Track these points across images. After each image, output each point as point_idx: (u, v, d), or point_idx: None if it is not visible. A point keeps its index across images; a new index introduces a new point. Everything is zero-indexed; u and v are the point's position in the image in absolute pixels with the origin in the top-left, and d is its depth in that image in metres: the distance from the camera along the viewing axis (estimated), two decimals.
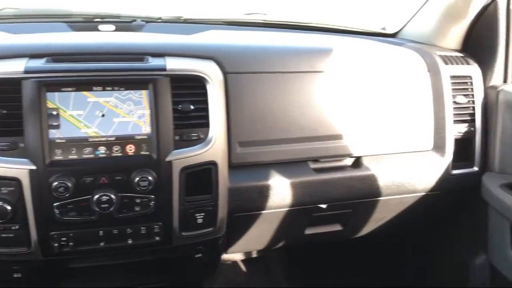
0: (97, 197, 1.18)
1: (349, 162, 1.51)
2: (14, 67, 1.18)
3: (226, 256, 1.99)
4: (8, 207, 1.15)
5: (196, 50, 1.39)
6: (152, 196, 1.23)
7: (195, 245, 1.36)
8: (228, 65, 1.37)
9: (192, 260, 1.41)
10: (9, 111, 1.16)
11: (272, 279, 2.09)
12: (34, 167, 1.15)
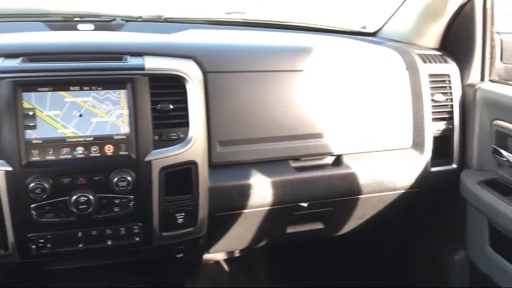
0: (75, 198, 1.17)
1: (329, 160, 1.52)
2: None
3: (208, 255, 1.98)
4: None
5: (175, 50, 1.38)
6: (131, 196, 1.22)
7: (176, 245, 1.36)
8: (207, 64, 1.37)
9: (173, 260, 1.40)
10: None
11: (255, 279, 2.10)
12: (10, 168, 1.13)
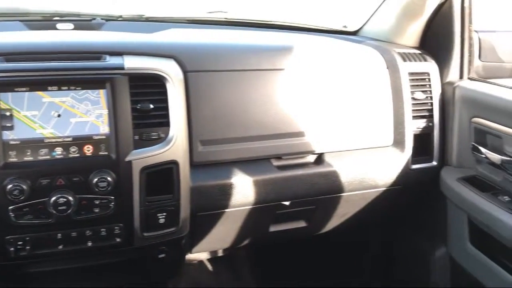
0: (54, 199, 1.15)
1: (311, 159, 1.52)
2: None
3: (191, 255, 1.98)
4: None
5: (155, 49, 1.38)
6: (111, 197, 1.21)
7: (158, 245, 1.35)
8: (188, 63, 1.36)
9: (155, 260, 1.39)
10: None
11: (238, 278, 2.09)
12: None
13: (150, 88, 1.26)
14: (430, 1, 1.58)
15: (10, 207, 1.14)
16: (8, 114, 1.14)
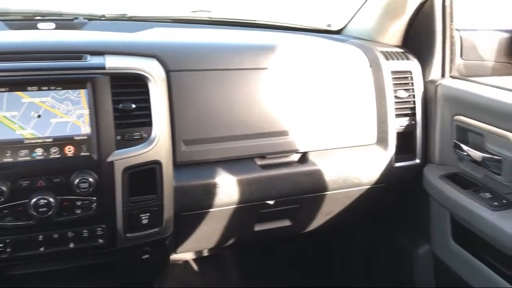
0: (34, 200, 1.14)
1: (295, 158, 1.52)
2: None
3: (176, 256, 1.97)
4: None
5: (137, 48, 1.37)
6: (93, 198, 1.20)
7: (142, 246, 1.34)
8: (171, 63, 1.36)
9: (139, 261, 1.39)
10: None
11: (224, 278, 2.09)
12: None
13: (132, 88, 1.26)
14: (412, 0, 1.59)
15: None
16: None
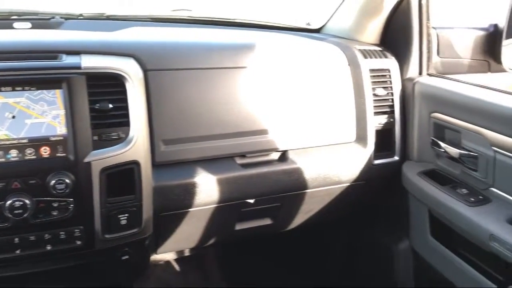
0: (9, 202, 1.13)
1: (275, 156, 1.53)
2: None
3: (157, 256, 1.96)
4: None
5: (114, 47, 1.35)
6: (70, 199, 1.19)
7: (121, 247, 1.33)
8: (148, 62, 1.35)
9: (119, 262, 1.38)
10: None
11: (206, 277, 2.09)
12: None
13: (108, 87, 1.24)
14: None
15: None
16: None
